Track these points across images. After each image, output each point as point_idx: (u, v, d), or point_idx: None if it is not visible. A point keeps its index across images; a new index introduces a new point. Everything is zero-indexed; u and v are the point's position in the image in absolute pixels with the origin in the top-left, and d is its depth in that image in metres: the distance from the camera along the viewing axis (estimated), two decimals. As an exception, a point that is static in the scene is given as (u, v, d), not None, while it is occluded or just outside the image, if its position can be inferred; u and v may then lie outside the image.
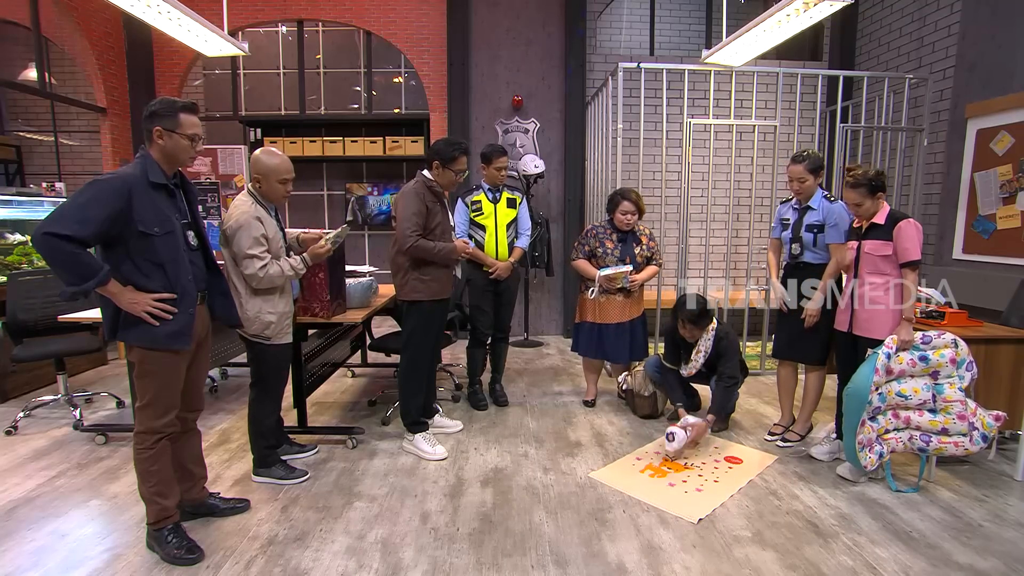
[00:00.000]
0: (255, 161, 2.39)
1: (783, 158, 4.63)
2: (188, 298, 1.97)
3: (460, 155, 2.86)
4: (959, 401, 2.45)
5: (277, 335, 2.48)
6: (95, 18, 5.17)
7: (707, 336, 3.15)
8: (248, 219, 2.31)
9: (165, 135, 1.91)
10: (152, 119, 1.91)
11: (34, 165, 6.53)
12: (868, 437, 2.54)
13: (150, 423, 2.01)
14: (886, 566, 2.03)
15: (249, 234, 2.30)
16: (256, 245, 2.32)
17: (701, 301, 3.12)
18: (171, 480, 2.09)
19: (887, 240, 2.55)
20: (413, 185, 2.87)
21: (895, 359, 2.51)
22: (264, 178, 2.39)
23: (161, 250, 1.89)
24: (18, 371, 3.85)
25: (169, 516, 2.07)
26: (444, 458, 2.90)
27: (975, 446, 2.45)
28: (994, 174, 3.98)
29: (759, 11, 3.16)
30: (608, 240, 3.47)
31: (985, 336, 2.67)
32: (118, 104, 5.43)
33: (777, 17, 2.95)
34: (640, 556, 2.08)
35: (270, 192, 2.42)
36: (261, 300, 2.41)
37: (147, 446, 2.01)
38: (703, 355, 3.17)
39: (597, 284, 3.42)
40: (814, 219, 2.91)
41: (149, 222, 1.86)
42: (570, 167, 5.58)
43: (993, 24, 4.02)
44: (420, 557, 2.07)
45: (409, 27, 5.60)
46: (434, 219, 2.86)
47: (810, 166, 2.89)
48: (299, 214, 6.20)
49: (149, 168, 1.90)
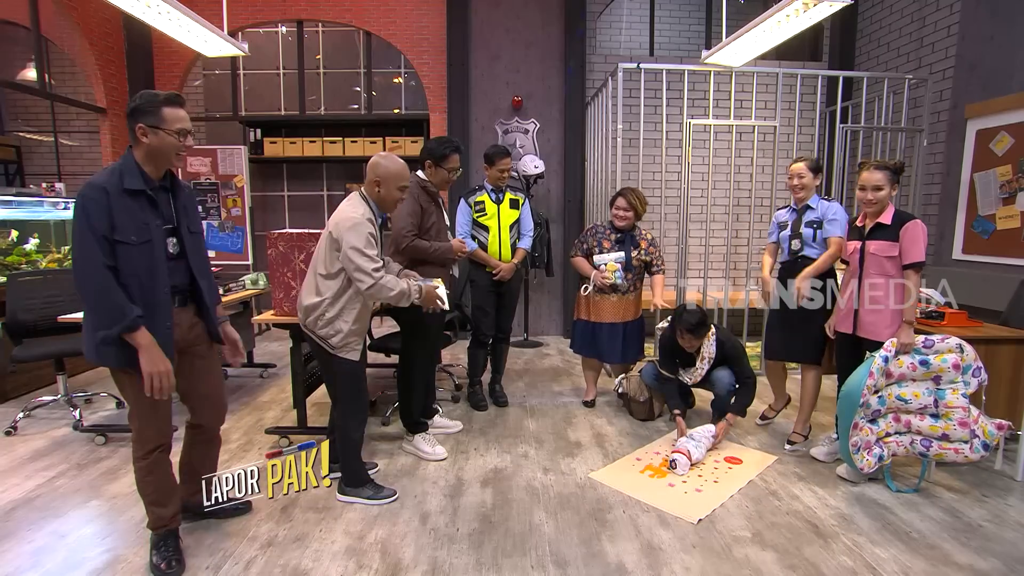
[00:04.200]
0: (376, 165, 2.30)
1: (783, 158, 4.64)
2: (162, 311, 1.86)
3: (452, 153, 2.86)
4: (961, 407, 2.42)
5: (342, 348, 2.33)
6: (95, 18, 5.17)
7: (708, 343, 3.13)
8: (362, 219, 2.23)
9: (149, 132, 1.78)
10: (134, 116, 1.77)
11: (34, 165, 6.53)
12: (865, 439, 2.54)
13: (140, 433, 1.94)
14: (886, 566, 2.03)
15: (363, 232, 2.20)
16: (370, 245, 2.21)
17: (699, 311, 3.08)
18: (169, 490, 2.02)
19: (894, 241, 2.53)
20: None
21: (894, 362, 2.50)
22: (384, 182, 2.31)
23: (136, 259, 1.78)
24: (18, 371, 3.85)
25: (165, 524, 2.01)
26: (444, 458, 2.89)
27: (975, 454, 2.42)
28: (994, 174, 3.98)
29: (759, 11, 3.16)
30: (606, 240, 3.47)
31: (985, 336, 2.67)
32: (118, 104, 5.43)
33: (777, 17, 2.96)
34: (640, 556, 2.08)
35: (388, 197, 2.34)
36: (344, 306, 2.30)
37: (140, 456, 1.95)
38: (707, 361, 3.15)
39: (592, 281, 3.43)
40: (813, 216, 2.95)
41: (124, 230, 1.74)
42: (570, 167, 5.58)
43: (993, 24, 4.02)
44: (420, 557, 2.07)
45: (409, 27, 5.60)
46: (429, 219, 2.86)
47: (811, 165, 2.95)
48: (299, 214, 6.20)
49: (126, 173, 1.77)
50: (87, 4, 5.05)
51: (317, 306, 2.29)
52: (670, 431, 3.27)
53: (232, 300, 3.72)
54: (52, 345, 3.40)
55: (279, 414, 3.56)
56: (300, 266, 2.88)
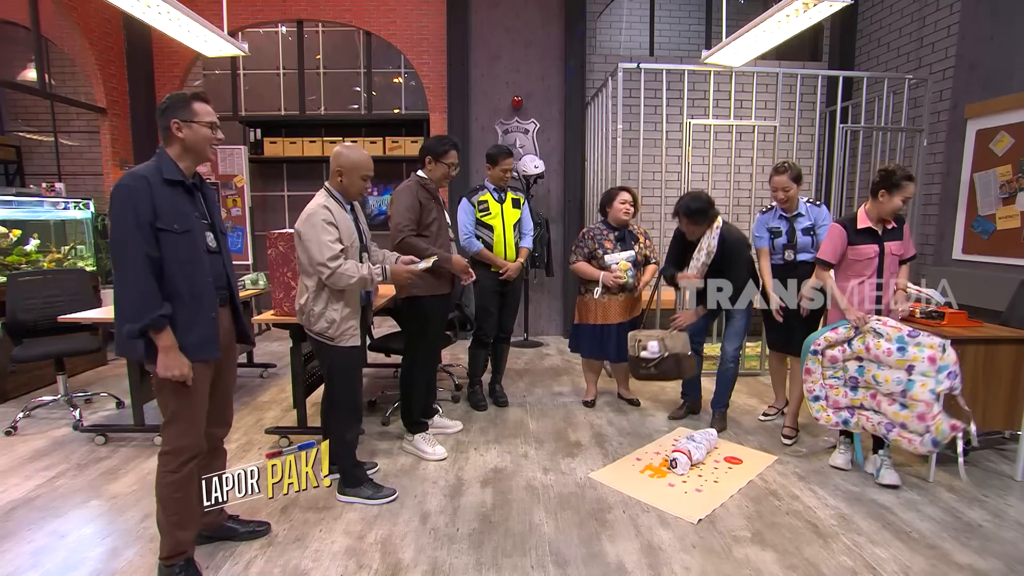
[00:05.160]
0: (338, 156, 2.35)
1: (783, 158, 4.64)
2: (208, 301, 1.87)
3: (450, 149, 2.88)
4: (924, 402, 2.43)
5: (340, 336, 2.36)
6: (95, 18, 5.17)
7: (711, 235, 3.09)
8: (317, 208, 2.27)
9: (184, 127, 1.85)
10: (167, 114, 1.84)
11: (34, 165, 6.52)
12: (822, 391, 2.72)
13: (176, 442, 1.86)
14: (886, 566, 2.03)
15: (315, 221, 2.23)
16: (325, 232, 2.23)
17: (702, 199, 3.07)
18: (194, 509, 1.90)
19: (901, 240, 2.70)
20: (407, 183, 2.89)
21: (873, 340, 2.57)
22: (347, 172, 2.35)
23: (181, 248, 1.80)
24: (18, 371, 3.85)
25: (183, 552, 1.91)
26: (444, 458, 2.89)
27: (924, 448, 2.45)
28: (993, 174, 3.98)
29: (759, 11, 3.16)
30: (606, 240, 3.46)
31: (985, 336, 2.67)
32: (118, 104, 5.43)
33: (777, 17, 2.96)
34: (640, 556, 2.08)
35: (351, 186, 2.38)
36: (328, 296, 2.33)
37: (172, 468, 1.86)
38: (705, 253, 3.09)
39: (600, 284, 3.40)
40: (806, 223, 3.08)
41: (167, 218, 1.77)
42: (570, 167, 5.58)
43: (993, 24, 4.02)
44: (420, 557, 2.07)
45: (409, 27, 5.60)
46: (429, 215, 2.85)
47: (792, 175, 3.04)
48: (299, 214, 6.18)
49: (164, 166, 1.82)
50: (87, 4, 5.05)
51: (304, 304, 2.35)
52: (670, 431, 3.27)
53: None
54: (52, 345, 3.40)
55: (279, 414, 3.56)
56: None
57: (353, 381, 2.46)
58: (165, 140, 1.87)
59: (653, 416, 3.52)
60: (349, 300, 2.37)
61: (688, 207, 3.06)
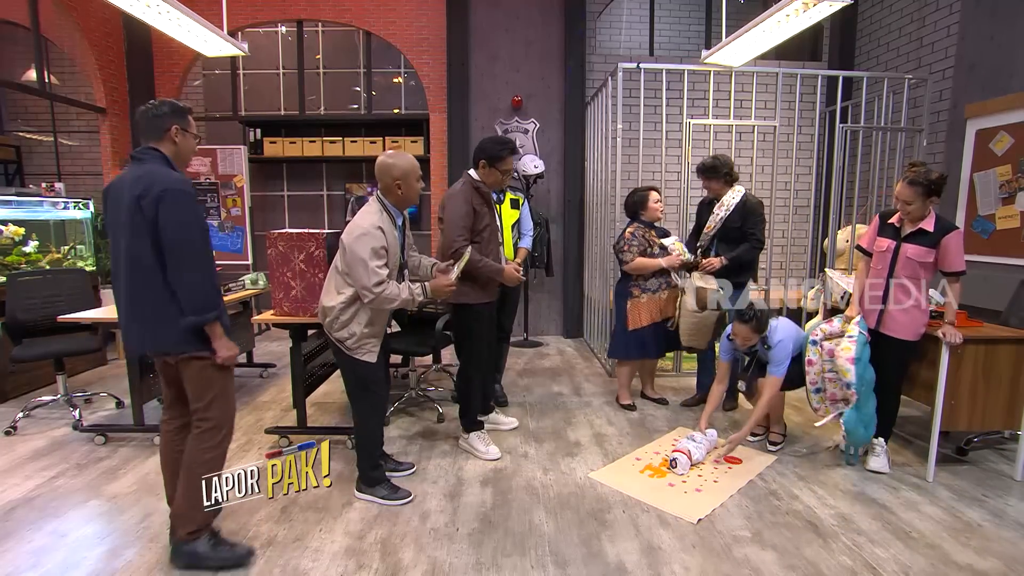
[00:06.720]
0: (390, 168, 2.30)
1: (783, 158, 4.65)
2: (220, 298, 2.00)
3: (508, 155, 2.83)
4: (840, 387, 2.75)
5: (358, 349, 2.35)
6: (95, 18, 5.17)
7: (732, 193, 3.34)
8: (371, 229, 2.23)
9: (181, 134, 1.95)
10: (171, 118, 1.93)
11: (33, 165, 6.52)
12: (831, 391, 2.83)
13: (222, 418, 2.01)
14: (886, 566, 2.03)
15: (367, 244, 2.20)
16: (375, 257, 2.21)
17: (718, 158, 3.35)
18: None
19: (932, 248, 2.57)
20: (460, 187, 2.82)
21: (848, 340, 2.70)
22: (404, 180, 2.32)
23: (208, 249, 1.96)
24: (17, 371, 3.85)
25: (208, 524, 2.04)
26: (498, 458, 2.91)
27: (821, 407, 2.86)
28: (993, 174, 3.98)
29: (759, 11, 3.16)
30: (651, 237, 3.50)
31: (985, 336, 2.66)
32: (118, 104, 5.43)
33: (777, 17, 2.95)
34: (640, 556, 2.08)
35: (410, 192, 2.35)
36: (358, 310, 2.32)
37: (216, 443, 2.00)
38: (725, 209, 3.33)
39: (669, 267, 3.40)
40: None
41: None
42: (570, 167, 5.58)
43: (992, 24, 4.02)
44: (420, 557, 2.07)
45: (409, 27, 5.60)
46: (482, 221, 2.80)
47: (756, 327, 2.84)
48: (299, 214, 6.20)
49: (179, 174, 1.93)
50: (87, 4, 5.05)
51: (333, 308, 2.32)
52: (670, 431, 3.27)
53: (232, 300, 3.73)
54: (52, 345, 3.40)
55: (279, 414, 3.56)
56: (300, 266, 2.88)
57: (370, 385, 2.45)
58: (159, 141, 1.94)
59: (653, 416, 3.52)
60: (376, 319, 2.37)
61: (702, 163, 3.42)
